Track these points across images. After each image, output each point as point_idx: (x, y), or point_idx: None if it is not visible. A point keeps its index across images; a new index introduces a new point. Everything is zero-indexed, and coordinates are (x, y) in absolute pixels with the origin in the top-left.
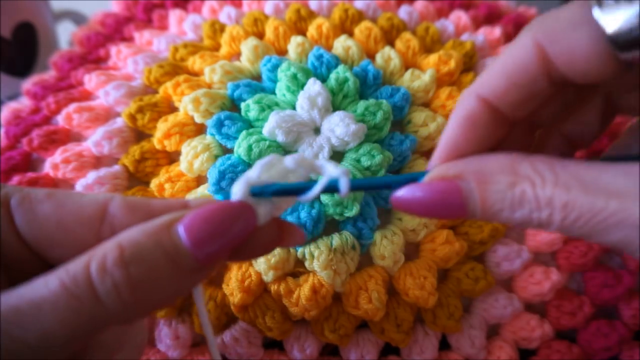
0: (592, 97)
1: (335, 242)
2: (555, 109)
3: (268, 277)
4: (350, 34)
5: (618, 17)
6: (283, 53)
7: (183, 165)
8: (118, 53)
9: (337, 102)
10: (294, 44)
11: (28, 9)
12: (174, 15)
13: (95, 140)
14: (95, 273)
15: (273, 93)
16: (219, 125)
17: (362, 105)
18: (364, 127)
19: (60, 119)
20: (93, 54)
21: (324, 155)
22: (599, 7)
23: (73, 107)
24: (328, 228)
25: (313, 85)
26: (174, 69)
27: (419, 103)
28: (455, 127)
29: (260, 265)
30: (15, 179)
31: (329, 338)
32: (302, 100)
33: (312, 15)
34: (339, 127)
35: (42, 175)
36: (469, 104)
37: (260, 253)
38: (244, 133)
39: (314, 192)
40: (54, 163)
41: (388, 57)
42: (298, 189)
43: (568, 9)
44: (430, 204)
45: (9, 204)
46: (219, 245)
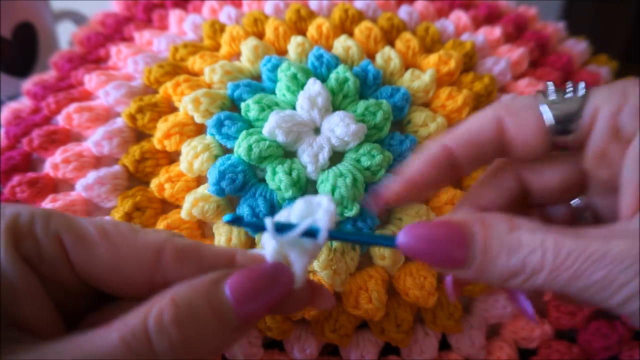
0: (531, 213)
1: (335, 242)
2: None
3: None
4: (350, 34)
5: (557, 107)
6: (283, 53)
7: (183, 165)
8: (118, 53)
9: (337, 102)
10: (294, 44)
11: (28, 9)
12: (174, 15)
13: (95, 140)
14: (153, 330)
15: (273, 93)
16: (219, 125)
17: (362, 105)
18: (364, 127)
19: (60, 119)
20: (93, 54)
21: (324, 156)
22: (545, 100)
23: (73, 107)
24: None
25: (313, 85)
26: (174, 69)
27: (419, 103)
28: (417, 163)
29: None
30: (15, 179)
31: (329, 338)
32: (302, 100)
33: (312, 15)
34: (339, 127)
35: (42, 175)
36: (434, 148)
37: (293, 311)
38: (244, 133)
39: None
40: (54, 163)
41: (388, 57)
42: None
43: (523, 97)
44: (433, 243)
45: (62, 241)
46: (261, 305)
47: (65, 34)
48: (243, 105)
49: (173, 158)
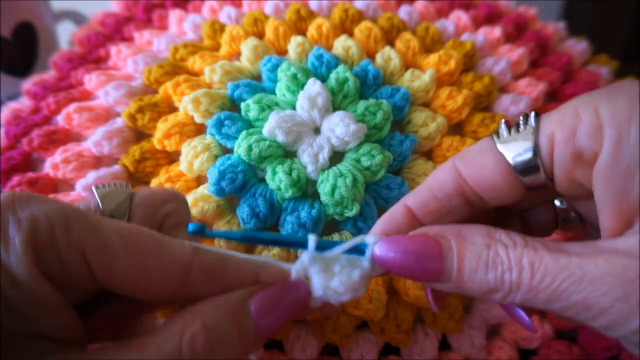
0: (510, 217)
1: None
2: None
3: None
4: (350, 34)
5: (511, 144)
6: (283, 53)
7: (183, 165)
8: (118, 53)
9: (337, 102)
10: (294, 44)
11: (28, 9)
12: (174, 15)
13: (95, 140)
14: (187, 356)
15: (273, 93)
16: (219, 125)
17: (362, 105)
18: (364, 127)
19: (60, 119)
20: (93, 54)
21: (324, 156)
22: (497, 139)
23: (73, 107)
24: (328, 228)
25: (313, 85)
26: (174, 69)
27: (419, 103)
28: (377, 224)
29: None
30: (15, 179)
31: (329, 338)
32: (302, 100)
33: (312, 15)
34: (339, 127)
35: (42, 175)
36: (396, 209)
37: (302, 317)
38: (244, 133)
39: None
40: (54, 163)
41: (388, 57)
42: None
43: (479, 142)
44: (410, 254)
45: (84, 254)
46: (278, 321)
47: (65, 34)
48: (243, 105)
49: (173, 158)
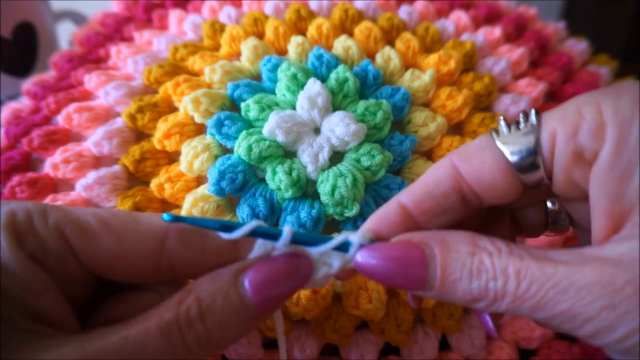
0: (501, 214)
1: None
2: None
3: None
4: (350, 34)
5: (512, 141)
6: (283, 53)
7: (183, 165)
8: (118, 53)
9: (337, 102)
10: (294, 44)
11: (28, 9)
12: (174, 15)
13: (95, 140)
14: (184, 324)
15: (273, 93)
16: (219, 125)
17: (362, 105)
18: (364, 127)
19: (60, 119)
20: (93, 54)
21: (324, 156)
22: (497, 137)
23: (73, 107)
24: (328, 228)
25: (313, 85)
26: (174, 69)
27: (419, 103)
28: (371, 219)
29: None
30: (15, 179)
31: (329, 338)
32: (302, 100)
33: (312, 15)
34: (339, 127)
35: (42, 175)
36: (389, 206)
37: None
38: (244, 133)
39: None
40: (54, 163)
41: (388, 57)
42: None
43: (476, 139)
44: (391, 263)
45: (64, 234)
46: (279, 295)
47: (65, 34)
48: (243, 105)
49: (173, 158)
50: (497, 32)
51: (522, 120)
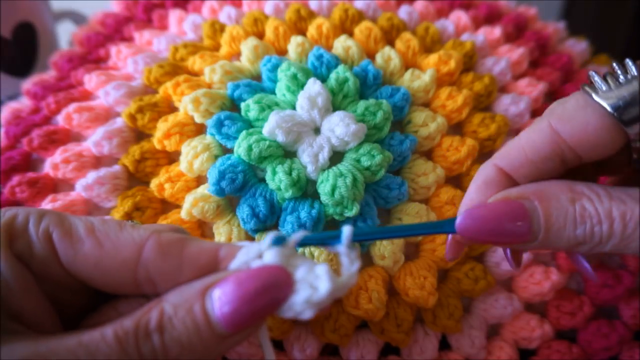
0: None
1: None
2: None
3: None
4: (350, 34)
5: (615, 95)
6: (283, 53)
7: (183, 165)
8: (118, 53)
9: (337, 102)
10: (294, 44)
11: (28, 9)
12: (174, 15)
13: (95, 140)
14: (141, 334)
15: (273, 93)
16: (219, 125)
17: (362, 105)
18: (364, 127)
19: (60, 119)
20: (93, 54)
21: (324, 156)
22: (596, 93)
23: (73, 107)
24: (328, 228)
25: (313, 85)
26: (174, 69)
27: (419, 103)
28: (474, 189)
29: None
30: (15, 179)
31: (329, 338)
32: (302, 100)
33: (312, 15)
34: (339, 127)
35: (42, 175)
36: (488, 172)
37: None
38: (244, 133)
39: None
40: (54, 163)
41: (388, 57)
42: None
43: (571, 98)
44: (494, 221)
45: (51, 238)
46: (250, 317)
47: (65, 34)
48: (243, 105)
49: (173, 158)
50: (497, 32)
51: (619, 73)
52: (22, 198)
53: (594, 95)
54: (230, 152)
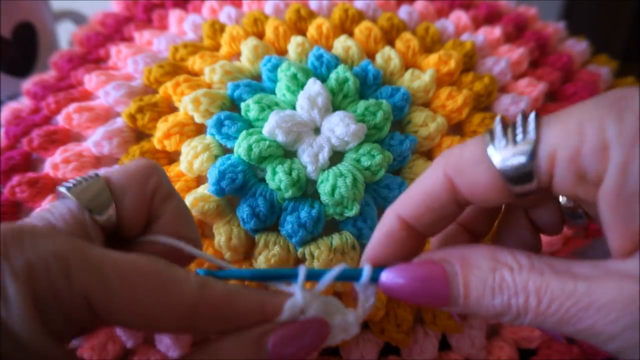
0: (519, 217)
1: (335, 242)
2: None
3: None
4: (350, 34)
5: (507, 155)
6: (283, 53)
7: (183, 165)
8: (118, 53)
9: (337, 102)
10: (294, 44)
11: (28, 9)
12: (174, 15)
13: (95, 140)
14: None
15: (273, 93)
16: (219, 125)
17: (362, 105)
18: (364, 127)
19: (60, 119)
20: (93, 54)
21: (324, 156)
22: (492, 145)
23: (73, 107)
24: (328, 228)
25: (313, 85)
26: (174, 69)
27: (419, 103)
28: (377, 240)
29: (261, 265)
30: (15, 179)
31: None
32: (302, 100)
33: (312, 15)
34: (339, 127)
35: (42, 175)
36: (390, 222)
37: None
38: (244, 133)
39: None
40: (54, 163)
41: (388, 57)
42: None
43: (470, 146)
44: (415, 283)
45: (86, 298)
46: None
47: (65, 34)
48: (243, 105)
49: (173, 158)
50: (497, 32)
51: (519, 129)
52: (22, 198)
53: (489, 148)
54: (230, 152)
